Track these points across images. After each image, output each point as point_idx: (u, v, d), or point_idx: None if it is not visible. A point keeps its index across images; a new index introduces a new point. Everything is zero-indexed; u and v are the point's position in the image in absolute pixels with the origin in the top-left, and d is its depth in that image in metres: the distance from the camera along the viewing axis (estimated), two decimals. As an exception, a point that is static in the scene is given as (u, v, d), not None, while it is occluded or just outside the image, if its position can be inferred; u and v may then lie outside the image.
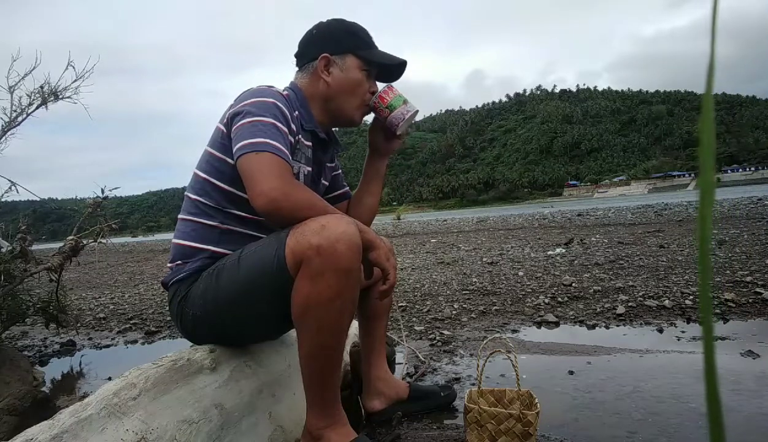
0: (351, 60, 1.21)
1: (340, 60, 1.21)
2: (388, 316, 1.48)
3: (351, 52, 1.22)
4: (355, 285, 0.98)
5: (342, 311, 0.96)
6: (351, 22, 1.25)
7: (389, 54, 1.26)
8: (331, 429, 1.02)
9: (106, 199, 2.36)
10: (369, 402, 1.40)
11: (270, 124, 1.03)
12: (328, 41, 1.22)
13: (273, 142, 1.00)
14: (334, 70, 1.21)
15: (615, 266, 3.66)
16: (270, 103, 1.07)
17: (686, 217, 8.54)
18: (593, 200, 67.39)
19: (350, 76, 1.21)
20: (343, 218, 0.97)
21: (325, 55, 1.20)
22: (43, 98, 2.36)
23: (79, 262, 2.34)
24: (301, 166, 1.18)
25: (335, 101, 1.23)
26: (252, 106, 1.06)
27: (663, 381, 1.51)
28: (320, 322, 0.95)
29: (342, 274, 0.93)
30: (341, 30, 1.23)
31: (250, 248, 1.05)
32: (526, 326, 2.37)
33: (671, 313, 2.32)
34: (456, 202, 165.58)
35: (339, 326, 0.98)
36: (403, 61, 1.25)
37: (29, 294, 2.41)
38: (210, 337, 1.12)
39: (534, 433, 1.08)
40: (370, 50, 1.24)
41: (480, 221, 14.97)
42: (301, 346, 0.99)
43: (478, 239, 7.82)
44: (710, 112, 0.15)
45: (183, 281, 1.13)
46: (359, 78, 1.22)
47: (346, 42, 1.22)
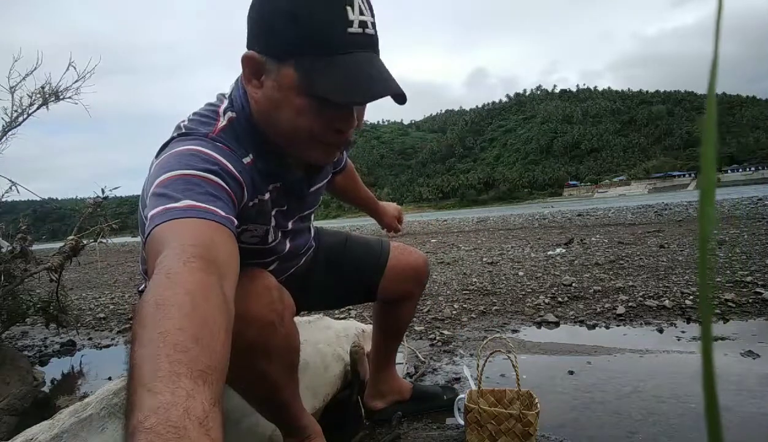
0: (287, 72, 0.70)
1: (276, 67, 0.70)
2: (405, 332, 1.47)
3: (289, 57, 0.69)
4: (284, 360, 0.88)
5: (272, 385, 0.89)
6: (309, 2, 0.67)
7: (360, 75, 0.68)
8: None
9: (106, 199, 2.36)
10: (370, 401, 1.40)
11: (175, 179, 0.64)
12: (265, 28, 0.70)
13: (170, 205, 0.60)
14: (268, 82, 0.72)
15: (615, 266, 3.66)
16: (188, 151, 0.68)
17: (686, 218, 8.54)
18: (593, 200, 67.40)
19: (286, 100, 0.71)
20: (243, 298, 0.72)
21: (253, 53, 0.71)
22: (44, 99, 2.36)
23: (79, 262, 2.34)
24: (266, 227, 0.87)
25: (269, 129, 0.77)
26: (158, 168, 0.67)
27: (663, 381, 1.51)
28: (249, 395, 0.93)
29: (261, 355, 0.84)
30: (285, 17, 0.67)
31: None
32: (526, 326, 2.37)
33: (671, 313, 2.32)
34: (456, 202, 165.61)
35: (272, 397, 0.92)
36: (377, 92, 0.69)
37: (29, 294, 2.41)
38: None
39: (534, 433, 1.08)
40: (327, 60, 0.68)
41: (480, 221, 14.97)
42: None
43: (478, 239, 7.82)
44: (713, 111, 0.15)
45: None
46: (300, 105, 0.71)
47: (280, 33, 0.69)
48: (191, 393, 0.39)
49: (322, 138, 0.75)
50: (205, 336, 0.45)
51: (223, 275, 0.54)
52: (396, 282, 1.27)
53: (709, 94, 0.15)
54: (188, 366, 0.41)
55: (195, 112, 0.80)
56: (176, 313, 0.45)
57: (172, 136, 0.76)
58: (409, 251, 1.32)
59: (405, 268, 1.28)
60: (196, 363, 0.42)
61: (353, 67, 0.68)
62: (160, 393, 0.38)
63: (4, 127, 2.31)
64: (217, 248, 0.56)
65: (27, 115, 2.36)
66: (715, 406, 0.15)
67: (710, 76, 0.15)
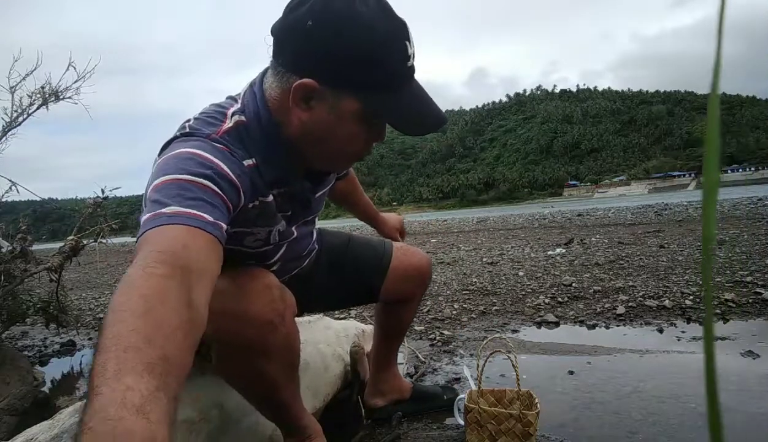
0: (351, 104, 0.73)
1: (333, 97, 0.73)
2: (406, 333, 1.47)
3: (355, 91, 0.73)
4: (283, 359, 0.89)
5: (271, 383, 0.90)
6: (380, 28, 0.70)
7: (420, 106, 0.77)
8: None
9: (106, 200, 2.36)
10: (371, 400, 1.40)
11: (171, 184, 0.64)
12: (324, 59, 0.71)
13: (163, 211, 0.60)
14: (319, 107, 0.74)
15: (615, 266, 3.66)
16: (185, 154, 0.68)
17: (686, 218, 8.54)
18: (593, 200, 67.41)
19: (343, 126, 0.75)
20: (245, 296, 0.79)
21: (310, 82, 0.71)
22: (43, 99, 2.36)
23: (79, 262, 2.34)
24: (269, 229, 0.88)
25: (309, 147, 0.79)
26: (157, 169, 0.67)
27: (663, 381, 1.51)
28: (247, 390, 0.93)
29: (251, 355, 0.84)
30: (352, 51, 0.70)
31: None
32: (526, 326, 2.37)
33: (671, 313, 2.32)
34: (456, 202, 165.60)
35: (272, 396, 0.92)
36: (437, 123, 0.78)
37: (29, 294, 2.41)
38: None
39: (534, 433, 1.08)
40: (390, 94, 0.74)
41: (480, 221, 14.96)
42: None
43: (478, 239, 7.82)
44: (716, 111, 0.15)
45: None
46: (356, 131, 0.77)
47: (354, 71, 0.71)
48: (131, 386, 0.40)
49: (359, 155, 0.83)
50: (159, 337, 0.45)
51: (192, 279, 0.54)
52: (399, 283, 1.26)
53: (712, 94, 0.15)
54: (134, 363, 0.42)
55: (202, 112, 0.80)
56: (129, 316, 0.46)
57: (175, 135, 0.76)
58: (412, 251, 1.31)
59: (408, 269, 1.27)
60: (144, 359, 0.43)
61: (415, 101, 0.77)
62: (102, 394, 0.40)
63: (4, 127, 2.31)
64: (189, 253, 0.56)
65: (27, 115, 2.36)
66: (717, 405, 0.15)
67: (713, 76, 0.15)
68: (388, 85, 0.73)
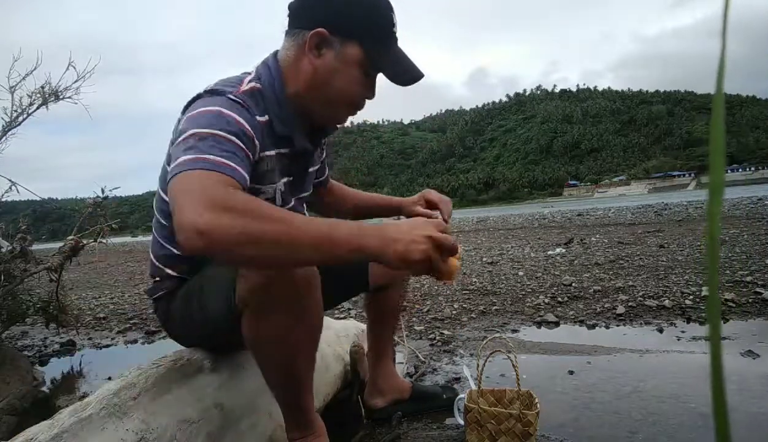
0: (354, 50, 0.91)
1: (340, 44, 0.91)
2: (397, 320, 1.47)
3: (358, 39, 0.91)
4: (307, 315, 0.91)
5: (293, 349, 0.91)
6: (377, 1, 0.93)
7: (405, 62, 0.95)
8: (303, 440, 1.01)
9: (106, 199, 2.36)
10: (370, 400, 1.40)
11: (210, 137, 0.79)
12: (336, 14, 0.91)
13: (210, 156, 0.75)
14: (328, 54, 0.92)
15: (615, 266, 3.66)
16: (214, 112, 0.83)
17: (686, 217, 8.54)
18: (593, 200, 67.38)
19: (343, 71, 0.92)
20: None
21: (322, 30, 0.90)
22: (43, 98, 2.36)
23: (79, 262, 2.34)
24: (274, 187, 0.99)
25: (314, 93, 0.95)
26: (190, 121, 0.82)
27: (663, 381, 1.51)
28: (272, 358, 0.92)
29: (292, 312, 0.87)
30: (358, 6, 0.92)
31: (210, 281, 0.97)
32: (526, 325, 2.37)
33: (671, 313, 2.32)
34: (456, 202, 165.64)
35: (294, 358, 0.93)
36: (419, 76, 0.95)
37: (29, 294, 2.41)
38: (197, 346, 1.12)
39: (534, 433, 1.08)
40: (384, 47, 0.94)
41: (480, 220, 14.96)
42: (261, 371, 0.96)
43: (478, 239, 7.82)
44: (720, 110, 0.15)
45: (161, 299, 1.08)
46: (356, 76, 0.94)
47: (358, 23, 0.91)
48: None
49: (357, 105, 0.99)
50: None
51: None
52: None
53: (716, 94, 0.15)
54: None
55: (221, 79, 0.94)
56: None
57: (199, 94, 0.89)
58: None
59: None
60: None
61: (401, 57, 0.95)
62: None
63: (4, 127, 2.31)
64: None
65: (27, 115, 2.36)
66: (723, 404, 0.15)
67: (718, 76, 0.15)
68: (383, 39, 0.93)
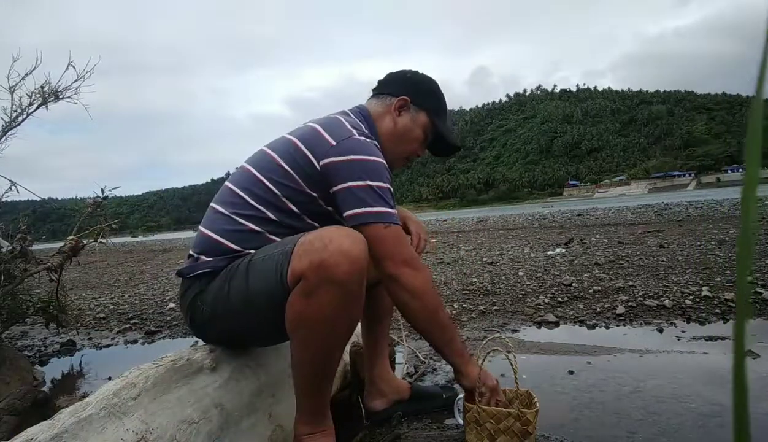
0: (423, 117, 1.27)
1: (415, 111, 1.27)
2: (391, 317, 1.48)
3: (427, 111, 1.28)
4: (354, 304, 0.96)
5: (336, 330, 0.95)
6: (440, 89, 1.33)
7: (453, 134, 1.35)
8: (311, 438, 1.02)
9: (106, 199, 2.36)
10: (370, 402, 1.40)
11: (387, 190, 1.06)
12: (415, 90, 1.28)
13: (393, 211, 1.06)
14: (405, 115, 1.26)
15: (615, 266, 3.66)
16: (381, 164, 1.08)
17: (686, 217, 8.54)
18: (593, 200, 67.36)
19: (414, 130, 1.27)
20: (350, 236, 0.94)
21: (407, 98, 1.26)
22: (43, 98, 2.36)
23: (79, 262, 2.34)
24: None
25: (390, 143, 1.25)
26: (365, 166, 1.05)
27: (663, 381, 1.51)
28: (312, 340, 0.94)
29: (338, 293, 0.91)
30: (430, 88, 1.30)
31: (261, 255, 1.02)
32: (526, 325, 2.37)
33: (671, 313, 2.32)
34: (456, 202, 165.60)
35: (332, 345, 0.97)
36: (458, 147, 1.38)
37: (29, 294, 2.41)
38: (219, 338, 1.11)
39: (533, 432, 1.08)
40: (441, 121, 1.30)
41: (480, 220, 14.96)
42: (293, 355, 0.99)
43: (478, 239, 7.82)
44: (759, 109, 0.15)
45: (203, 277, 1.07)
46: (419, 136, 1.28)
47: (429, 100, 1.29)
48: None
49: (411, 158, 1.34)
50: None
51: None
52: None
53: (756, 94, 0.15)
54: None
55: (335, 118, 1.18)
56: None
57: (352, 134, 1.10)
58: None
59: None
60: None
61: (450, 128, 1.37)
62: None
63: (4, 127, 2.31)
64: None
65: (27, 115, 2.36)
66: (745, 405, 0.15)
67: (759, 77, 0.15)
68: (441, 115, 1.31)
